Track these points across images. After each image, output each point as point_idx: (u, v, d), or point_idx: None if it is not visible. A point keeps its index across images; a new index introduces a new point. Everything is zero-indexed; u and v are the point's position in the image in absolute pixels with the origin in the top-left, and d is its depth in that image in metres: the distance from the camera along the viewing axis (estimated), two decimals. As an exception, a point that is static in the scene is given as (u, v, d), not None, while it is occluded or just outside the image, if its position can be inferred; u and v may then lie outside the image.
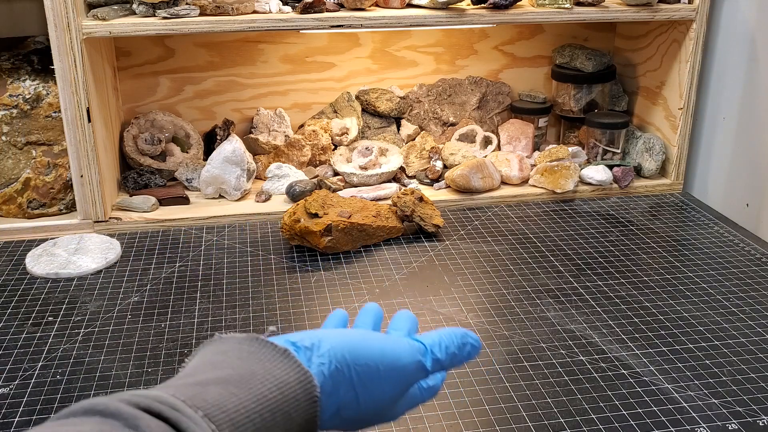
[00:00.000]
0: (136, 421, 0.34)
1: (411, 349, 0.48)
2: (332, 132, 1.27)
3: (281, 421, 0.40)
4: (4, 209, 1.08)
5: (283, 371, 0.42)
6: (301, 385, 0.42)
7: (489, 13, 1.09)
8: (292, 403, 0.41)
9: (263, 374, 0.41)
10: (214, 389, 0.39)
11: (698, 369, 0.75)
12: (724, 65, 1.18)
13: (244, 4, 1.04)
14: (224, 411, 0.38)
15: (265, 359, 0.42)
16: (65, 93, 0.99)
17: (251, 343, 0.43)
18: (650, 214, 1.14)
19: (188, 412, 0.36)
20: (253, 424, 0.39)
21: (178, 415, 0.36)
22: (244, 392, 0.40)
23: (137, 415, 0.34)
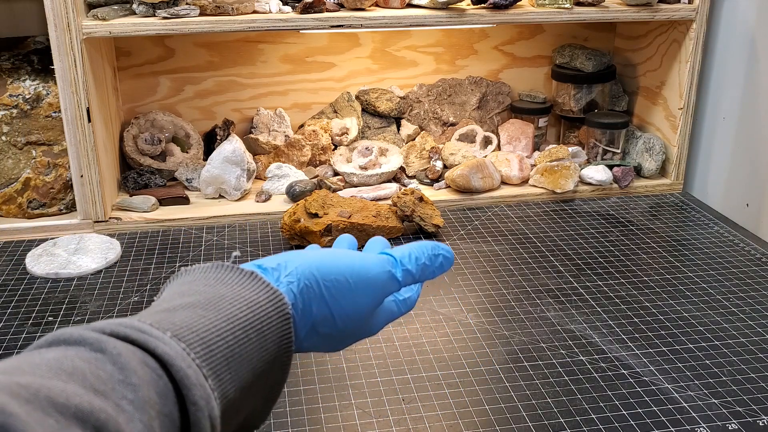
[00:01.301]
0: (102, 345, 0.33)
1: (380, 261, 0.48)
2: (332, 132, 1.27)
3: (255, 338, 0.40)
4: (4, 209, 1.08)
5: (252, 292, 0.41)
6: (271, 303, 0.41)
7: (489, 13, 1.09)
8: (264, 321, 0.40)
9: (232, 296, 0.40)
10: (182, 313, 0.38)
11: (698, 369, 0.75)
12: (724, 65, 1.18)
13: (244, 4, 1.04)
14: (194, 331, 0.37)
15: (233, 282, 0.42)
16: (65, 93, 0.99)
17: (217, 270, 0.43)
18: (650, 214, 1.14)
19: (156, 333, 0.35)
20: (225, 343, 0.38)
21: (146, 336, 0.35)
22: (213, 314, 0.39)
23: (102, 339, 0.33)
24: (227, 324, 0.39)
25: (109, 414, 0.30)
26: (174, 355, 0.34)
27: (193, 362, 0.35)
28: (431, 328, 0.82)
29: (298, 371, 0.74)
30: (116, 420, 0.30)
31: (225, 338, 0.38)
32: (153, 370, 0.34)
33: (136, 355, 0.33)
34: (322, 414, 0.68)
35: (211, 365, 0.36)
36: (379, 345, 0.79)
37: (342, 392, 0.71)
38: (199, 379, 0.35)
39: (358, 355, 0.77)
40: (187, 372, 0.34)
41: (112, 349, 0.33)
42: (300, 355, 0.77)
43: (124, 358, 0.33)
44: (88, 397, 0.30)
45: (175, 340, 0.36)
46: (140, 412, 0.32)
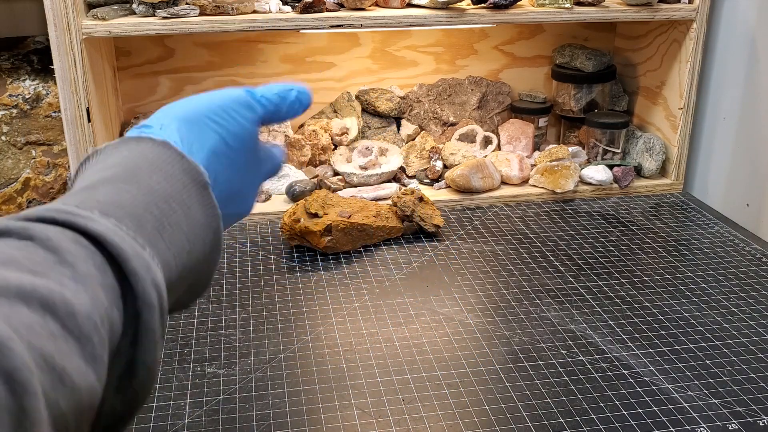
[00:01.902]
0: (29, 232, 0.32)
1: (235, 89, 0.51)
2: (332, 132, 1.27)
3: (179, 209, 0.40)
4: (3, 209, 1.08)
5: (166, 162, 0.42)
6: (186, 173, 0.42)
7: (489, 13, 1.09)
8: (183, 192, 0.41)
9: (148, 167, 0.41)
10: (104, 189, 0.38)
11: (698, 369, 0.75)
12: (724, 65, 1.18)
13: (244, 4, 1.04)
14: (120, 206, 0.37)
15: (146, 152, 0.42)
16: (65, 93, 0.99)
17: (127, 142, 0.43)
18: (650, 214, 1.14)
19: (83, 213, 0.35)
20: (152, 216, 0.38)
21: (73, 216, 0.34)
22: (134, 187, 0.39)
23: (28, 226, 0.33)
24: (150, 196, 0.39)
25: (52, 289, 0.30)
26: (105, 230, 0.34)
27: (126, 234, 0.35)
28: (431, 328, 0.82)
29: (298, 371, 0.74)
30: (61, 293, 0.30)
31: (151, 211, 0.38)
32: (86, 248, 0.33)
33: (67, 236, 0.33)
34: (322, 414, 0.68)
35: (143, 236, 0.36)
36: (379, 345, 0.79)
37: (342, 392, 0.71)
38: (136, 249, 0.35)
39: (358, 356, 0.77)
40: (122, 245, 0.34)
41: (40, 233, 0.32)
42: (300, 355, 0.77)
43: (55, 240, 0.32)
44: (28, 278, 0.29)
45: (104, 217, 0.35)
46: (83, 285, 0.31)
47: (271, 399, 0.70)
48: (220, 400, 0.70)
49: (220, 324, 0.83)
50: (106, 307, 0.32)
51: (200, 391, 0.71)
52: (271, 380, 0.73)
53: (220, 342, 0.79)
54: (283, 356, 0.77)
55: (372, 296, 0.89)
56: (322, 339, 0.80)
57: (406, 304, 0.87)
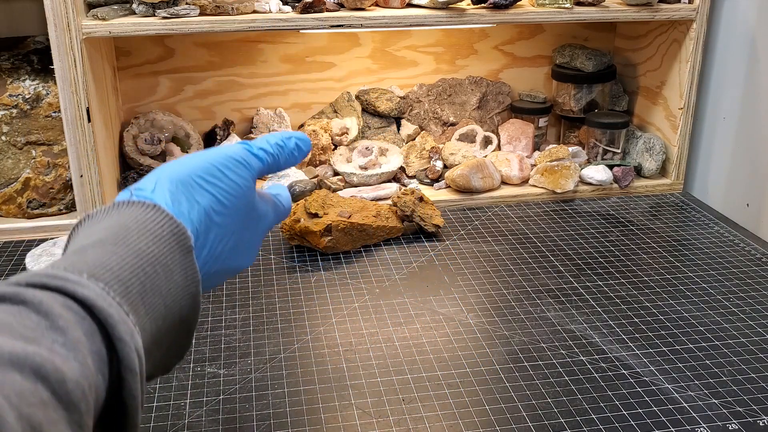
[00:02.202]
0: (21, 296, 0.33)
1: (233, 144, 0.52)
2: (332, 132, 1.27)
3: (162, 272, 0.41)
4: (3, 209, 1.08)
5: (156, 224, 0.42)
6: (174, 237, 0.43)
7: (489, 13, 1.09)
8: (168, 255, 0.42)
9: (137, 229, 0.41)
10: (93, 251, 0.39)
11: (698, 369, 0.75)
12: (724, 65, 1.18)
13: (244, 4, 1.04)
14: (108, 269, 0.38)
15: (136, 214, 0.43)
16: (65, 93, 0.99)
17: (118, 206, 0.44)
18: (650, 214, 1.14)
19: (72, 277, 0.35)
20: (137, 279, 0.39)
21: (63, 282, 0.35)
22: (122, 249, 0.40)
23: (20, 291, 0.33)
24: (137, 259, 0.40)
25: (44, 356, 0.30)
26: (94, 296, 0.35)
27: (114, 300, 0.36)
28: (431, 328, 0.82)
29: (298, 371, 0.74)
30: (52, 361, 0.31)
31: (137, 274, 0.39)
32: (76, 313, 0.34)
33: (58, 300, 0.34)
34: (322, 414, 0.68)
35: (128, 301, 0.38)
36: (379, 345, 0.79)
37: (342, 392, 0.71)
38: (122, 315, 0.36)
39: (358, 356, 0.77)
40: (110, 311, 0.35)
41: (32, 298, 0.33)
42: (300, 355, 0.77)
43: (46, 305, 0.33)
44: (21, 345, 0.30)
45: (93, 281, 0.36)
46: (73, 352, 0.32)
47: (271, 399, 0.70)
48: (220, 400, 0.70)
49: (220, 324, 0.83)
50: (93, 373, 0.33)
51: (200, 391, 0.71)
52: (271, 380, 0.73)
53: (220, 342, 0.79)
54: (283, 356, 0.77)
55: (372, 296, 0.89)
56: (322, 339, 0.80)
57: (406, 304, 0.87)
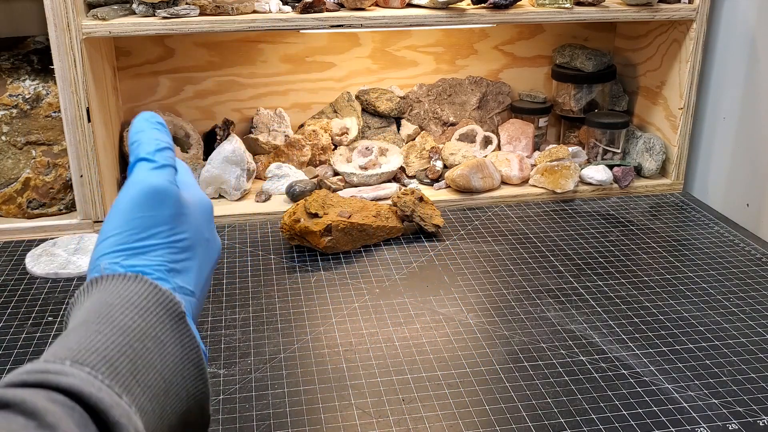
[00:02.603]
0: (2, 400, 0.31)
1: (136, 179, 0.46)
2: (332, 132, 1.27)
3: (153, 346, 0.39)
4: (3, 209, 1.08)
5: (139, 296, 0.40)
6: (161, 306, 0.40)
7: (489, 13, 1.09)
8: (158, 326, 0.40)
9: (120, 304, 0.39)
10: (76, 334, 0.37)
11: (698, 369, 0.75)
12: (724, 65, 1.18)
13: (244, 4, 1.04)
14: (93, 351, 0.36)
15: (117, 288, 0.40)
16: (65, 93, 0.99)
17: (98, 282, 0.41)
18: (650, 214, 1.14)
19: (54, 368, 0.33)
20: (126, 358, 0.37)
21: (44, 375, 0.33)
22: (106, 327, 0.37)
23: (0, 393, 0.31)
24: (123, 336, 0.38)
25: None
26: (80, 383, 0.33)
27: (102, 383, 0.34)
28: (431, 328, 0.82)
29: (298, 371, 0.74)
30: None
31: (125, 352, 0.37)
32: (63, 405, 0.32)
33: (41, 396, 0.32)
34: (322, 414, 0.68)
35: (119, 382, 0.35)
36: (379, 345, 0.79)
37: (342, 392, 0.71)
38: (113, 398, 0.34)
39: (358, 356, 0.77)
40: (99, 395, 0.33)
41: (13, 398, 0.31)
42: (300, 355, 0.77)
43: (30, 403, 0.31)
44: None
45: (77, 366, 0.34)
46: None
47: (271, 399, 0.70)
48: (220, 400, 0.70)
49: (220, 324, 0.83)
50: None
51: (200, 391, 0.71)
52: (271, 380, 0.73)
53: (220, 342, 0.79)
54: (283, 356, 0.77)
55: (372, 296, 0.89)
56: (322, 339, 0.80)
57: (406, 304, 0.87)
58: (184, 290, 0.44)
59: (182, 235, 0.45)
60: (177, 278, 0.44)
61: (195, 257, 0.46)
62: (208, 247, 0.48)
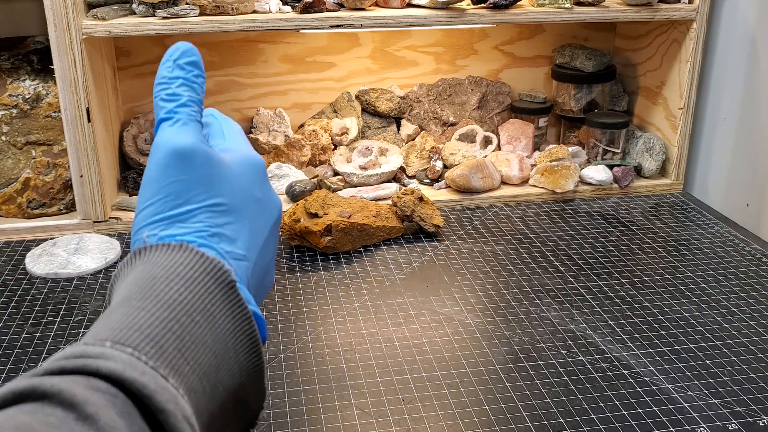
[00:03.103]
0: (39, 390, 0.29)
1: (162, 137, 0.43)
2: (332, 132, 1.27)
3: (202, 320, 0.36)
4: (3, 209, 1.08)
5: (186, 267, 0.37)
6: (209, 276, 0.37)
7: (489, 13, 1.09)
8: (207, 298, 0.37)
9: (165, 276, 0.36)
10: (119, 312, 0.34)
11: (698, 369, 0.75)
12: (724, 65, 1.18)
13: (244, 4, 1.04)
14: (136, 330, 0.33)
15: (161, 259, 0.38)
16: (65, 93, 0.99)
17: (141, 254, 0.39)
18: (650, 214, 1.14)
19: (93, 351, 0.31)
20: (172, 334, 0.34)
21: (83, 360, 0.31)
22: (150, 303, 0.35)
23: (36, 383, 0.29)
24: (169, 311, 0.35)
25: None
26: (121, 368, 0.31)
27: (147, 366, 0.32)
28: (431, 328, 0.82)
29: (298, 371, 0.74)
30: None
31: (171, 328, 0.34)
32: (104, 392, 0.30)
33: (81, 384, 0.29)
34: (322, 414, 0.68)
35: (166, 362, 0.33)
36: (379, 345, 0.79)
37: (342, 392, 0.71)
38: (159, 382, 0.31)
39: (358, 356, 0.77)
40: (143, 380, 0.31)
41: (51, 388, 0.29)
42: (300, 356, 0.77)
43: (68, 393, 0.29)
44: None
45: (119, 348, 0.32)
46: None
47: (271, 399, 0.70)
48: (220, 400, 0.70)
49: (220, 324, 0.83)
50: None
51: (200, 391, 0.71)
52: (271, 380, 0.73)
53: (220, 342, 0.79)
54: (283, 356, 0.77)
55: (372, 296, 0.89)
56: (322, 339, 0.80)
57: (406, 304, 0.87)
58: (233, 255, 0.41)
59: (221, 198, 0.41)
60: (223, 243, 0.41)
61: (243, 219, 0.42)
62: (262, 207, 0.44)
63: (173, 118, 0.43)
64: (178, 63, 0.46)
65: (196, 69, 0.46)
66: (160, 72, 0.45)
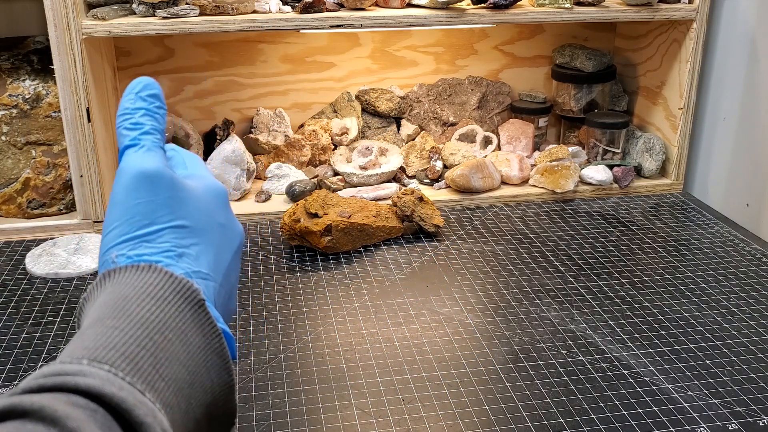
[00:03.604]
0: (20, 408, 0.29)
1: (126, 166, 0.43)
2: (332, 132, 1.27)
3: (175, 337, 0.37)
4: (3, 209, 1.08)
5: (155, 286, 0.38)
6: (179, 295, 0.38)
7: (489, 13, 1.09)
8: (177, 316, 0.37)
9: (136, 296, 0.37)
10: (92, 331, 0.35)
11: (698, 369, 0.75)
12: (724, 65, 1.18)
13: (244, 4, 1.04)
14: (111, 348, 0.34)
15: (131, 280, 0.38)
16: (65, 93, 0.99)
17: (110, 276, 0.39)
18: (650, 214, 1.14)
19: (70, 369, 0.32)
20: (147, 352, 0.35)
21: (61, 377, 0.31)
22: (123, 322, 0.35)
23: (16, 402, 0.29)
24: (142, 330, 0.35)
25: None
26: (99, 383, 0.31)
27: (124, 381, 0.32)
28: (431, 328, 0.82)
29: (298, 371, 0.74)
30: None
31: (145, 346, 0.35)
32: (85, 408, 0.30)
33: (61, 400, 0.30)
34: (322, 414, 0.68)
35: (142, 378, 0.33)
36: (379, 345, 0.79)
37: (342, 392, 0.71)
38: (137, 397, 0.32)
39: (358, 356, 0.77)
40: (121, 395, 0.31)
41: (31, 406, 0.29)
42: (300, 355, 0.77)
43: (49, 409, 0.29)
44: None
45: (96, 365, 0.32)
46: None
47: (271, 399, 0.70)
48: (220, 400, 0.70)
49: (220, 324, 0.83)
50: None
51: (200, 391, 0.71)
52: (271, 380, 0.73)
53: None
54: (283, 356, 0.77)
55: (372, 296, 0.89)
56: (322, 339, 0.80)
57: (406, 304, 0.87)
58: (199, 274, 0.42)
59: (186, 220, 0.43)
60: (189, 263, 0.42)
61: (207, 242, 0.44)
62: (225, 233, 0.46)
63: (138, 145, 0.44)
64: (140, 95, 0.46)
65: (157, 101, 0.47)
66: (123, 104, 0.46)
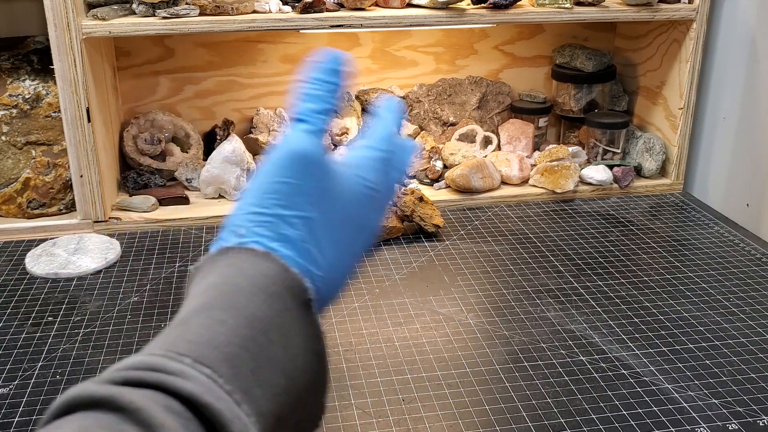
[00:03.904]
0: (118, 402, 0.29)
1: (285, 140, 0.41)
2: (332, 132, 1.27)
3: (278, 339, 0.35)
4: (3, 209, 1.08)
5: (268, 279, 0.36)
6: (288, 290, 0.36)
7: (489, 13, 1.09)
8: (285, 315, 0.36)
9: (248, 287, 0.35)
10: (196, 321, 0.34)
11: (698, 369, 0.75)
12: (724, 65, 1.18)
13: (244, 4, 1.04)
14: (215, 347, 0.32)
15: (246, 267, 0.36)
16: (65, 93, 0.99)
17: (227, 254, 0.37)
18: (650, 214, 1.14)
19: (173, 367, 0.31)
20: (249, 354, 0.33)
21: (162, 375, 0.30)
22: (232, 317, 0.34)
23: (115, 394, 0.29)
24: (249, 329, 0.34)
25: None
26: (200, 390, 0.30)
27: (222, 390, 0.31)
28: (431, 328, 0.82)
29: (298, 371, 0.74)
30: None
31: (248, 347, 0.33)
32: (179, 415, 0.29)
33: (159, 403, 0.29)
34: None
35: (240, 386, 0.32)
36: (379, 345, 0.79)
37: (342, 392, 0.71)
38: (233, 410, 0.31)
39: (358, 355, 0.77)
40: (219, 407, 0.30)
41: (129, 404, 0.29)
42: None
43: (144, 412, 0.28)
44: None
45: (198, 367, 0.31)
46: None
47: (271, 399, 0.70)
48: (220, 400, 0.70)
49: (220, 324, 0.83)
50: None
51: (200, 391, 0.71)
52: (271, 380, 0.73)
53: (220, 342, 0.79)
54: (283, 356, 0.77)
55: (372, 296, 0.89)
56: (322, 339, 0.80)
57: (406, 304, 0.87)
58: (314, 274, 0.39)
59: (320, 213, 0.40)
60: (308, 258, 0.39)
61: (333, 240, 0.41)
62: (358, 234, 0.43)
63: (307, 122, 0.42)
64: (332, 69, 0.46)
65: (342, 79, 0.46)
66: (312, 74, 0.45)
